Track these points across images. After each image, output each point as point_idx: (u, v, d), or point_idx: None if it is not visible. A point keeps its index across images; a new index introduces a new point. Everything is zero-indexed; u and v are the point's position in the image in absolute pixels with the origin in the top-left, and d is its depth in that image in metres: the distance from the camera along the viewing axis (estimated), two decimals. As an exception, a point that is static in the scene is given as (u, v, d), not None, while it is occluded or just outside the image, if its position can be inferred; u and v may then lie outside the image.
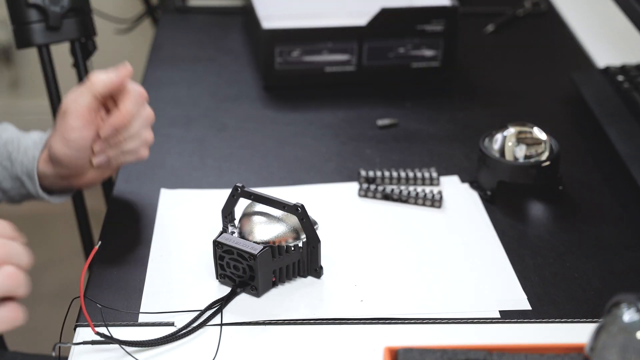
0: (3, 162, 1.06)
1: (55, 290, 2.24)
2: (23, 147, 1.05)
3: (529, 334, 0.88)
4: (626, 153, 1.14)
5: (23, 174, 1.05)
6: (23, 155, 1.05)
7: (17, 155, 1.05)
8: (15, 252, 0.75)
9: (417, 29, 1.35)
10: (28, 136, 1.07)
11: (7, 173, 1.06)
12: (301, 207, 0.91)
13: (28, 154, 1.04)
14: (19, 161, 1.05)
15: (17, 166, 1.05)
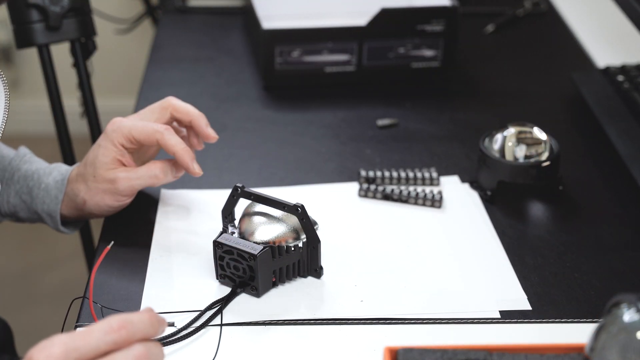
0: (22, 196, 1.06)
1: (55, 290, 2.24)
2: (44, 184, 1.05)
3: (529, 334, 0.88)
4: (626, 153, 1.14)
5: (43, 212, 1.05)
6: (45, 194, 1.04)
7: (37, 192, 1.05)
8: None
9: (417, 29, 1.35)
10: (49, 174, 1.06)
11: (26, 206, 1.06)
12: (301, 207, 0.91)
13: (50, 194, 1.04)
14: (40, 198, 1.04)
15: (37, 203, 1.05)
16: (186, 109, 1.05)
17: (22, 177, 1.06)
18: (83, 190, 1.01)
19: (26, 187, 1.05)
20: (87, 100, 1.49)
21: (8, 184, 1.06)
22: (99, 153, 1.00)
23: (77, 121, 1.63)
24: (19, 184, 1.06)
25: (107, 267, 0.96)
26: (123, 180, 0.99)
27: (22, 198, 1.06)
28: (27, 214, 1.07)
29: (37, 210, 1.05)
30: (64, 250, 2.35)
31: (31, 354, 0.67)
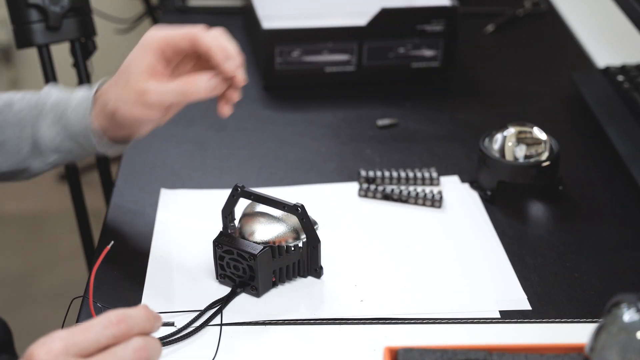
0: (59, 124, 1.00)
1: (55, 290, 2.24)
2: (75, 101, 0.99)
3: (529, 334, 0.88)
4: (626, 153, 1.14)
5: (80, 134, 0.99)
6: (76, 112, 0.99)
7: (70, 112, 0.99)
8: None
9: (417, 29, 1.35)
10: (77, 92, 1.01)
11: (66, 134, 1.00)
12: (301, 207, 0.91)
13: (80, 108, 0.98)
14: (73, 118, 0.99)
15: (72, 124, 0.99)
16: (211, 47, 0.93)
17: (54, 104, 1.01)
18: (113, 98, 0.95)
19: (59, 113, 1.00)
20: (87, 100, 1.49)
21: (43, 117, 1.01)
22: (133, 59, 0.94)
23: (77, 121, 1.63)
24: (52, 113, 1.00)
25: (107, 267, 0.96)
26: (153, 92, 0.92)
27: (61, 124, 1.00)
28: (69, 143, 1.01)
29: (74, 132, 1.00)
30: (64, 250, 2.35)
31: (31, 350, 0.67)
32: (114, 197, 1.10)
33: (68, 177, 1.48)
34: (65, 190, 1.42)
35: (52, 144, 1.01)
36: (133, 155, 1.18)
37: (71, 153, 1.02)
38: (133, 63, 0.94)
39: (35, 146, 1.01)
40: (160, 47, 0.93)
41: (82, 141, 0.99)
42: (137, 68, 0.93)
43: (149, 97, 0.92)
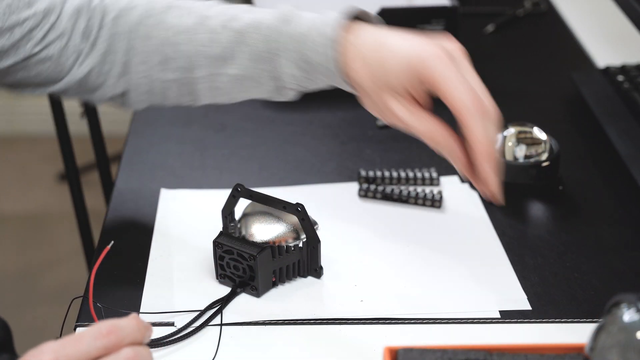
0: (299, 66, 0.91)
1: (55, 290, 2.24)
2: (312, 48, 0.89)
3: (529, 334, 0.88)
4: (626, 153, 1.14)
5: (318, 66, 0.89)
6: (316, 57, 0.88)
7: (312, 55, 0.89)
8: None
9: (417, 29, 1.35)
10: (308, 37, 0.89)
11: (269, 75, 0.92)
12: (301, 207, 0.91)
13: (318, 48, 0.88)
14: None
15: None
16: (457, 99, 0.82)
17: (253, 26, 0.92)
18: (357, 79, 0.86)
19: (264, 45, 0.91)
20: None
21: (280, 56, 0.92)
22: (391, 67, 0.83)
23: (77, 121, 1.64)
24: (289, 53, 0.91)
25: (107, 267, 0.96)
26: (397, 118, 0.85)
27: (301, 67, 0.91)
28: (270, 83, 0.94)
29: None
30: (64, 250, 2.35)
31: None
32: (114, 197, 1.10)
33: (68, 177, 1.48)
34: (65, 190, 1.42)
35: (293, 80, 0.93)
36: (133, 155, 1.18)
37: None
38: (396, 69, 0.83)
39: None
40: (435, 77, 0.82)
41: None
42: (397, 79, 0.83)
43: (390, 118, 0.87)
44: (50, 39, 0.95)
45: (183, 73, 0.96)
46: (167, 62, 0.96)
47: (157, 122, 1.28)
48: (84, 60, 0.96)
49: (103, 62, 0.97)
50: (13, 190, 2.65)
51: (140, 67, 0.96)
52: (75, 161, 1.49)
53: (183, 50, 0.95)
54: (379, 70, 0.86)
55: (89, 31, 0.96)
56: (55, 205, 2.52)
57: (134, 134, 1.24)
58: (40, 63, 0.95)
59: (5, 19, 0.91)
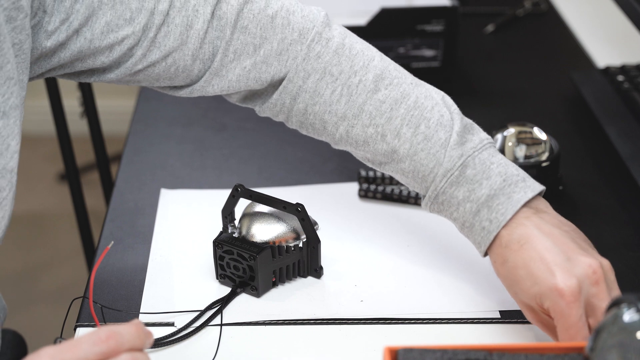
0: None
1: (55, 290, 2.24)
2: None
3: (529, 334, 0.88)
4: (626, 153, 1.14)
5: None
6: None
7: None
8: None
9: (417, 29, 1.35)
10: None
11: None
12: (301, 207, 0.91)
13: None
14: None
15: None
16: None
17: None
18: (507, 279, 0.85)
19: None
20: (87, 100, 1.49)
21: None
22: (526, 292, 0.82)
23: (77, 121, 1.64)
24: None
25: (107, 267, 0.96)
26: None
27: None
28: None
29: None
30: (64, 250, 2.35)
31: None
32: (114, 197, 1.10)
33: (68, 177, 1.48)
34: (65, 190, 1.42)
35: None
36: (133, 155, 1.18)
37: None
38: (525, 288, 0.82)
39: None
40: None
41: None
42: (525, 295, 0.83)
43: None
44: (154, 58, 0.89)
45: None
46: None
47: (157, 122, 1.28)
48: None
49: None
50: (13, 190, 2.65)
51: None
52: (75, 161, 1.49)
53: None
54: (511, 277, 0.84)
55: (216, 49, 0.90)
56: (55, 205, 2.52)
57: (134, 134, 1.24)
58: (158, 76, 0.91)
59: (103, 37, 0.86)
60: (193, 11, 0.89)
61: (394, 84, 0.91)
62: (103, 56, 0.87)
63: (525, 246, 0.83)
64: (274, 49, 0.90)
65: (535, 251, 0.82)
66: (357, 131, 0.90)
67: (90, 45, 0.86)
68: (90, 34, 0.85)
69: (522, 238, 0.83)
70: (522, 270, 0.83)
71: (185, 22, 0.88)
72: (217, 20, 0.89)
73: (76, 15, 0.84)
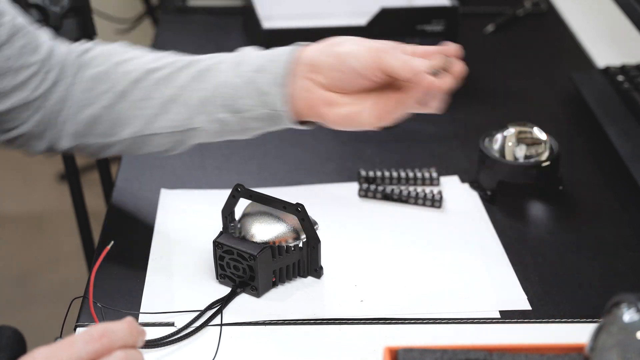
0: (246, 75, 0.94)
1: (55, 290, 2.24)
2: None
3: (529, 334, 0.88)
4: (626, 153, 1.14)
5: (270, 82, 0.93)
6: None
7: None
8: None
9: (417, 29, 1.35)
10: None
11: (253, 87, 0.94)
12: (301, 207, 0.91)
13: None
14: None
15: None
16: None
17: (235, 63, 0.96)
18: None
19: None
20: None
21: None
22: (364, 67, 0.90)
23: (77, 121, 1.63)
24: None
25: (107, 267, 0.96)
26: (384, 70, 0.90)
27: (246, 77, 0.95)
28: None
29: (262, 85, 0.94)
30: (64, 250, 2.35)
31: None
32: (114, 197, 1.10)
33: (68, 177, 1.48)
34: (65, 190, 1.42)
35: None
36: (133, 156, 1.18)
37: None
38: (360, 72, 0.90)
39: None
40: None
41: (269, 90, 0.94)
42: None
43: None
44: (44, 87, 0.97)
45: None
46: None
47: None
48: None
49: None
50: (13, 190, 2.65)
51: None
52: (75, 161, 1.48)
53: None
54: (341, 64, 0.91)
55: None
56: (55, 205, 2.52)
57: (134, 134, 1.24)
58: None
59: (15, 60, 0.93)
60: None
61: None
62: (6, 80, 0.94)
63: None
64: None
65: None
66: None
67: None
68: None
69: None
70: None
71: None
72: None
73: None
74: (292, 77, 0.92)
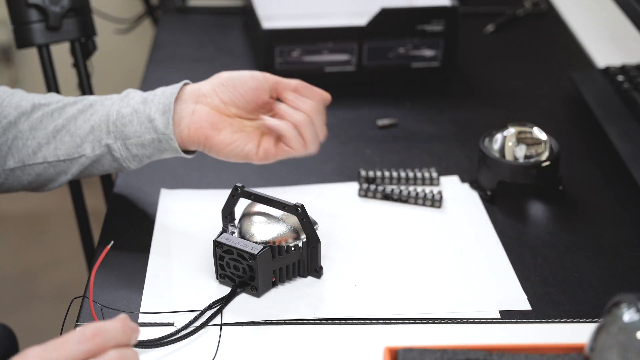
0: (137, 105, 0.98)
1: (55, 290, 2.24)
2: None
3: (529, 334, 0.88)
4: (626, 153, 1.14)
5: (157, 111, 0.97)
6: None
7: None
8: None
9: (417, 29, 1.35)
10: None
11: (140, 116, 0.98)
12: (301, 207, 0.91)
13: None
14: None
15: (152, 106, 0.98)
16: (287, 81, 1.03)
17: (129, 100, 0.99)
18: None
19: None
20: (87, 100, 1.49)
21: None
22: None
23: (77, 121, 1.63)
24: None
25: (107, 267, 0.96)
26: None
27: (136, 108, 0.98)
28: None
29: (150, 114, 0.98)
30: (64, 250, 2.35)
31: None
32: (114, 197, 1.10)
33: (68, 177, 1.48)
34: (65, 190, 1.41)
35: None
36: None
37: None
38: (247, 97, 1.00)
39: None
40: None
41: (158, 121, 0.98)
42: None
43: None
44: None
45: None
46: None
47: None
48: None
49: None
50: (13, 190, 2.65)
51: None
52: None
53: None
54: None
55: None
56: (55, 205, 2.51)
57: (134, 134, 1.24)
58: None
59: None
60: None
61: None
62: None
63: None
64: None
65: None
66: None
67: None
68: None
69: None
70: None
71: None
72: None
73: None
74: (178, 103, 0.98)
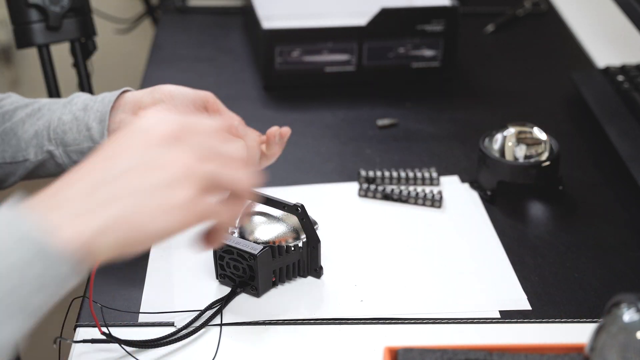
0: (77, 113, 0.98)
1: (55, 290, 2.23)
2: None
3: (529, 334, 0.88)
4: (626, 153, 1.14)
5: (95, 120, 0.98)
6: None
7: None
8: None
9: (417, 29, 1.35)
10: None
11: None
12: (301, 207, 0.91)
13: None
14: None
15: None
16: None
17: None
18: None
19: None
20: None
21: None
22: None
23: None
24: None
25: (107, 267, 0.96)
26: None
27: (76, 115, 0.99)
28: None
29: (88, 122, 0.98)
30: (64, 250, 2.34)
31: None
32: (114, 197, 1.10)
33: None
34: (65, 190, 1.41)
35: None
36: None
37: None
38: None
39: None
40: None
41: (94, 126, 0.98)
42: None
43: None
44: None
45: None
46: None
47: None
48: None
49: None
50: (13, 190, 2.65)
51: None
52: (75, 161, 1.49)
53: None
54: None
55: None
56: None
57: (134, 134, 1.24)
58: None
59: None
60: None
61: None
62: None
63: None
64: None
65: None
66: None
67: None
68: None
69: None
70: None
71: None
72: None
73: None
74: (116, 112, 0.98)
